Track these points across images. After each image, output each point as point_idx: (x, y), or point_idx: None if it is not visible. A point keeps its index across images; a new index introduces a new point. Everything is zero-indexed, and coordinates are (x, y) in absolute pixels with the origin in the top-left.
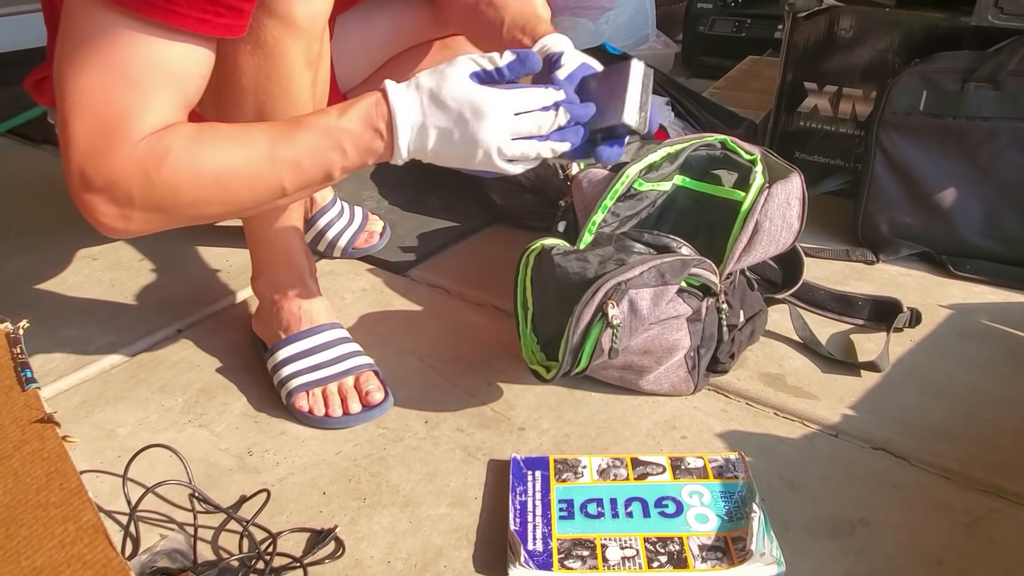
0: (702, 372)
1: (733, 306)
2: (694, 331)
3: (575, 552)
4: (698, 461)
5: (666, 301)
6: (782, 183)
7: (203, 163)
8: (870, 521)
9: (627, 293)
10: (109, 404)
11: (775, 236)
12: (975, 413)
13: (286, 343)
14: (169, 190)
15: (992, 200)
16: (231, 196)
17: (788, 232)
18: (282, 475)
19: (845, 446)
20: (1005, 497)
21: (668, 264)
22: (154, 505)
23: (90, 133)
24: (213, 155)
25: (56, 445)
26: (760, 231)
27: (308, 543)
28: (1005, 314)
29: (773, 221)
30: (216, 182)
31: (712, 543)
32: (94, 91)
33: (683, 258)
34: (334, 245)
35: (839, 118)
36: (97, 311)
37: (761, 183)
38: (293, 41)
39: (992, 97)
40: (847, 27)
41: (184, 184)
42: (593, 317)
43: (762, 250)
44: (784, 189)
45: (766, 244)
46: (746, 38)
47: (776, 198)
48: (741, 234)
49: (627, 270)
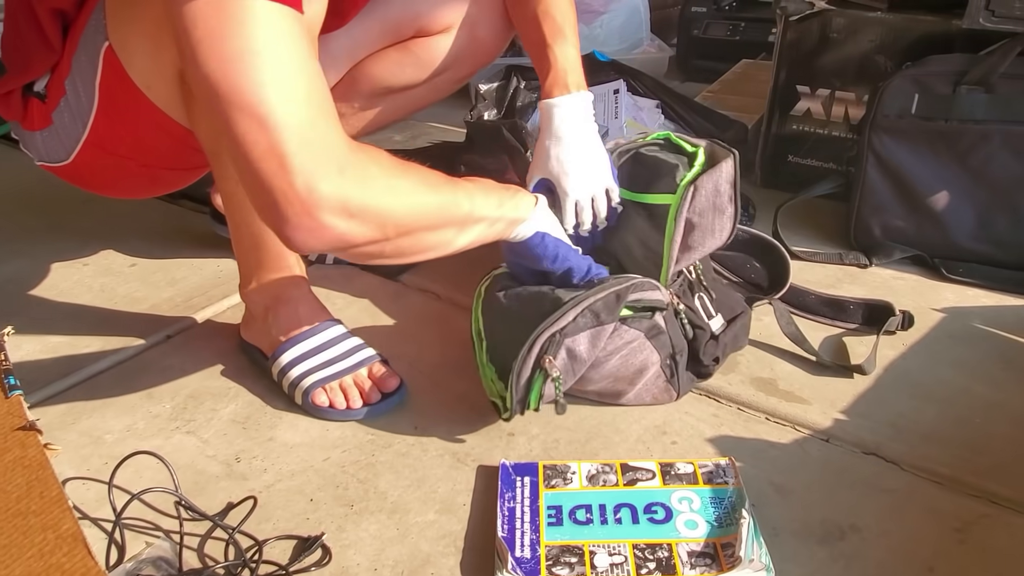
0: (682, 378)
1: (694, 307)
2: (660, 345)
3: (563, 559)
4: (688, 467)
5: (606, 338)
6: (709, 174)
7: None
8: (860, 527)
9: (563, 344)
10: (96, 410)
11: (709, 227)
12: (967, 417)
13: (290, 345)
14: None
15: (984, 203)
16: (415, 237)
17: (723, 218)
18: (269, 482)
19: (836, 451)
20: (996, 502)
21: (602, 302)
22: (140, 512)
23: (306, 141)
24: (410, 209)
25: (37, 453)
26: (693, 228)
27: (295, 551)
28: (998, 318)
29: (704, 215)
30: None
31: (701, 549)
32: (292, 91)
33: (616, 290)
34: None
35: (832, 121)
36: (86, 317)
37: (688, 181)
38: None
39: (984, 100)
40: (839, 30)
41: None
42: (533, 372)
43: (700, 245)
44: (711, 179)
45: (703, 237)
46: (740, 42)
47: (703, 190)
48: (675, 234)
49: (560, 317)
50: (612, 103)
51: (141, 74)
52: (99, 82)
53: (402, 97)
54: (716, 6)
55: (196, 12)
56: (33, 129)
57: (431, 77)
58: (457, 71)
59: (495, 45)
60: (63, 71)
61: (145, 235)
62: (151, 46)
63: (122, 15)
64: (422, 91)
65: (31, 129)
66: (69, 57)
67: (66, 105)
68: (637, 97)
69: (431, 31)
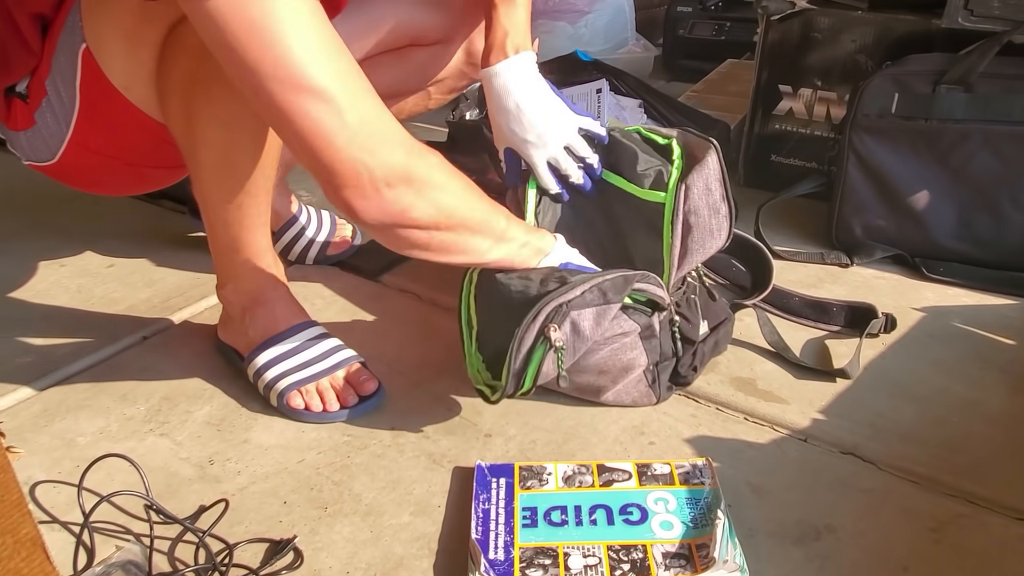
0: (663, 385)
1: (691, 320)
2: (650, 348)
3: (537, 561)
4: (665, 467)
5: (609, 319)
6: (697, 171)
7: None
8: (836, 527)
9: (568, 315)
10: (70, 412)
11: (707, 229)
12: (945, 417)
13: (265, 347)
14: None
15: (965, 203)
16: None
17: (719, 218)
18: (243, 484)
19: (814, 451)
20: (973, 502)
21: (610, 282)
22: (111, 516)
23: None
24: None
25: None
26: (690, 229)
27: (266, 554)
28: (977, 317)
29: (700, 215)
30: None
31: (676, 550)
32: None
33: (625, 274)
34: (306, 253)
35: (814, 120)
36: (62, 318)
37: (676, 178)
38: None
39: (963, 99)
40: (821, 30)
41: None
42: (535, 341)
43: (700, 247)
44: (701, 176)
45: (701, 240)
46: (725, 41)
47: (695, 188)
48: (673, 239)
49: (568, 290)
50: (595, 102)
51: (118, 75)
52: (79, 83)
53: (393, 104)
54: (701, 6)
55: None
56: (17, 130)
57: (424, 86)
58: (451, 83)
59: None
60: (43, 72)
61: (124, 235)
62: (126, 47)
63: (97, 16)
64: (414, 99)
65: (15, 130)
66: (49, 58)
67: (48, 106)
68: (620, 96)
69: (426, 41)
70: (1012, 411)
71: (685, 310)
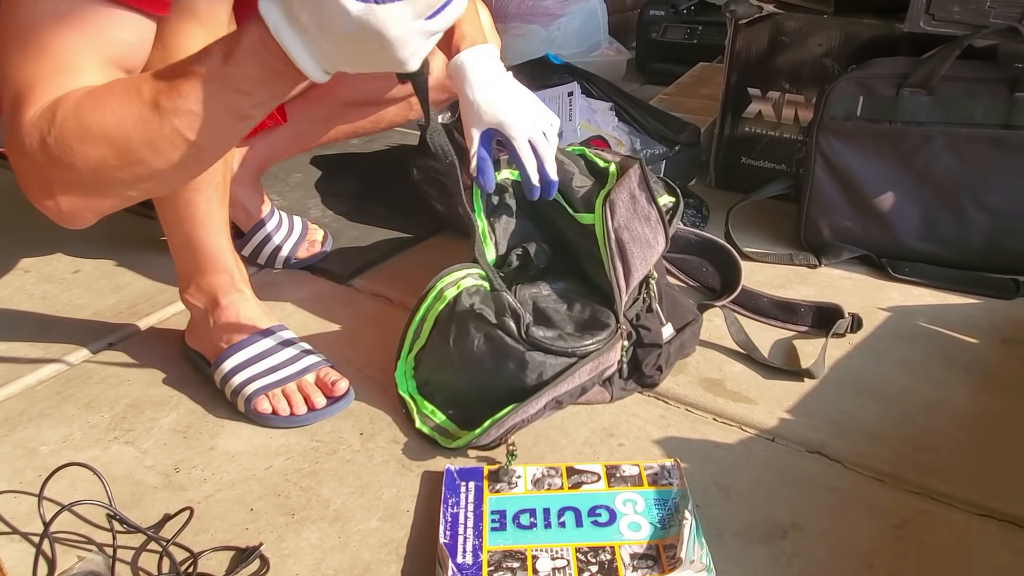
0: (617, 384)
1: (651, 328)
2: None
3: (505, 564)
4: (633, 469)
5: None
6: (619, 184)
7: (88, 122)
8: (802, 525)
9: (527, 424)
10: (32, 421)
11: (643, 240)
12: (909, 415)
13: (232, 352)
14: (64, 154)
15: (929, 204)
16: (133, 156)
17: (650, 225)
18: (209, 492)
19: (781, 450)
20: (935, 498)
21: (567, 392)
22: (73, 526)
23: (8, 109)
24: (97, 114)
25: None
26: (624, 245)
27: (232, 562)
28: (942, 316)
29: (631, 229)
30: (107, 142)
31: (644, 551)
32: (14, 68)
33: (583, 383)
34: (275, 257)
35: (782, 123)
36: (25, 325)
37: (602, 199)
38: (193, 35)
39: (926, 102)
40: (788, 34)
41: (75, 146)
42: (491, 443)
43: (640, 259)
44: (624, 188)
45: (641, 254)
46: (698, 45)
47: (619, 201)
48: (612, 261)
49: (529, 405)
50: (566, 105)
51: None
52: None
53: (374, 111)
54: (674, 10)
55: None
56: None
57: (407, 97)
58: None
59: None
60: None
61: (91, 240)
62: None
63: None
64: (395, 109)
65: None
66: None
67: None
68: (591, 100)
69: None
70: (976, 409)
71: (645, 320)
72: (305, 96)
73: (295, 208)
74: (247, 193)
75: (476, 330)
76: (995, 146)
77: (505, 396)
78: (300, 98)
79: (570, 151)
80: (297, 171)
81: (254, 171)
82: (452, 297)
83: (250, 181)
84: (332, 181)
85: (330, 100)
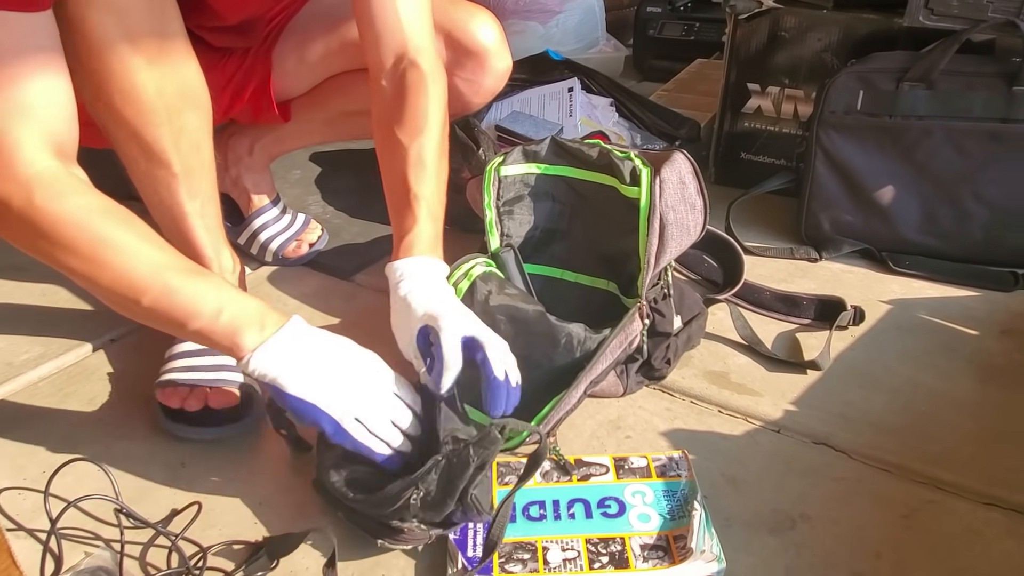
0: (632, 376)
1: (665, 314)
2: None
3: (516, 555)
4: (641, 461)
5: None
6: (668, 166)
7: (92, 226)
8: (810, 515)
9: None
10: (35, 418)
11: (683, 223)
12: (913, 406)
13: (174, 348)
14: (37, 229)
15: (928, 197)
16: (92, 284)
17: (694, 213)
18: (216, 487)
19: (787, 441)
20: (941, 488)
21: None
22: (79, 522)
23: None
24: (108, 226)
25: None
26: (667, 224)
27: (241, 556)
28: (943, 308)
29: (676, 210)
30: (83, 267)
31: (654, 542)
32: None
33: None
34: (265, 249)
35: (782, 118)
36: (26, 322)
37: (649, 172)
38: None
39: (925, 96)
40: (787, 28)
41: (55, 239)
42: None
43: (676, 242)
44: (674, 171)
45: (678, 235)
46: (695, 41)
47: (669, 182)
48: (650, 235)
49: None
50: (566, 101)
51: None
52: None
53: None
54: (671, 6)
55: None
56: None
57: None
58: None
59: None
60: None
61: None
62: None
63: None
64: None
65: None
66: None
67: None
68: (591, 95)
69: None
70: (978, 399)
71: (661, 306)
72: (307, 99)
73: (295, 205)
74: (254, 180)
75: (499, 313)
76: (994, 140)
77: (538, 381)
78: (302, 99)
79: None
80: (296, 168)
81: (264, 159)
82: (466, 288)
83: (259, 168)
84: (332, 177)
85: (329, 106)
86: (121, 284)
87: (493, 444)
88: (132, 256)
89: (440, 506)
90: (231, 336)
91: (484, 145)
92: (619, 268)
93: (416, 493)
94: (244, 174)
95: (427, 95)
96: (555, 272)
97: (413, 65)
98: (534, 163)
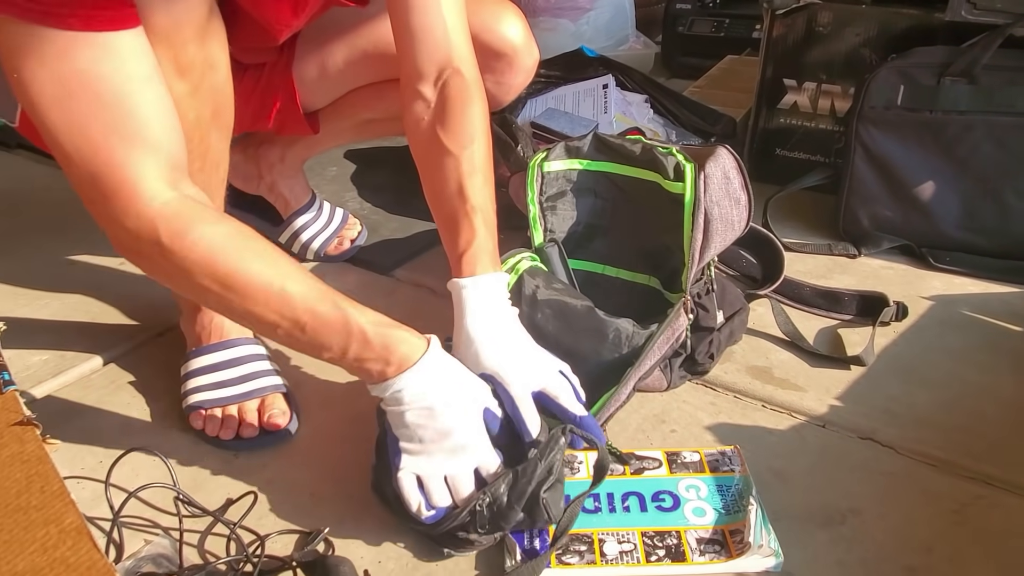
0: (675, 371)
1: (708, 309)
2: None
3: (572, 547)
4: (694, 455)
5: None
6: (712, 161)
7: (218, 259)
8: (860, 510)
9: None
10: (90, 409)
11: (727, 219)
12: (958, 401)
13: (197, 354)
14: (174, 263)
15: (969, 193)
16: (234, 311)
17: (739, 208)
18: (269, 477)
19: (833, 436)
20: (990, 483)
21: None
22: (138, 510)
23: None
24: (234, 257)
25: (36, 448)
26: (711, 219)
27: (297, 544)
28: (985, 305)
29: (720, 205)
30: (222, 293)
31: (710, 536)
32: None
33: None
34: (307, 248)
35: (818, 114)
36: (76, 315)
37: (693, 167)
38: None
39: (967, 91)
40: (824, 24)
41: (192, 270)
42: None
43: (720, 237)
44: (718, 166)
45: (723, 230)
46: (725, 38)
47: (714, 178)
48: (694, 231)
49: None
50: (601, 98)
51: None
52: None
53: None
54: (700, 3)
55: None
56: None
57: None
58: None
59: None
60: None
61: None
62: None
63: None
64: None
65: None
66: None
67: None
68: (626, 92)
69: None
70: (1023, 395)
71: (704, 301)
72: (332, 109)
73: (333, 200)
74: (288, 185)
75: (547, 307)
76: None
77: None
78: (328, 109)
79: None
80: (332, 165)
81: (296, 163)
82: (513, 283)
83: (292, 173)
84: (368, 174)
85: (355, 115)
86: (252, 318)
87: (557, 446)
88: (260, 289)
89: (508, 514)
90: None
91: (522, 142)
92: (661, 263)
93: (482, 500)
94: (279, 180)
95: (474, 104)
96: (597, 267)
97: (457, 74)
98: (576, 159)
